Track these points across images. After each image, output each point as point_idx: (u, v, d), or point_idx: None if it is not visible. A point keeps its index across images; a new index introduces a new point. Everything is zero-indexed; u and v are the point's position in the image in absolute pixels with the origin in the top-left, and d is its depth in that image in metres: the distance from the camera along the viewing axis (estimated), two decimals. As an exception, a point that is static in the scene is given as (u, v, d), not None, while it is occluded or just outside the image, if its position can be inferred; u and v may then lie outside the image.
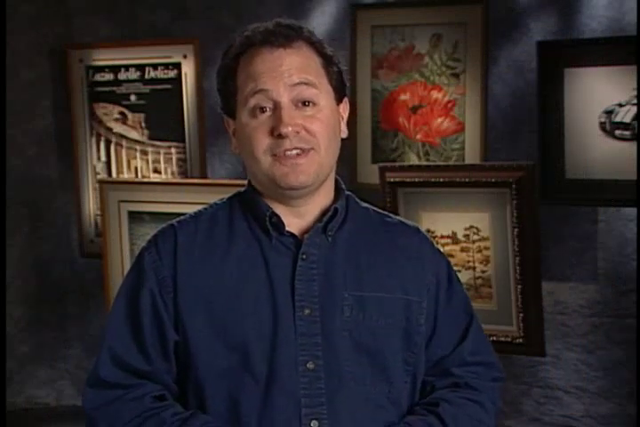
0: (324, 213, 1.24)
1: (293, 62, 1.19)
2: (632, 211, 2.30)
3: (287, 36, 1.20)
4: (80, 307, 3.20)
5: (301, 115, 1.18)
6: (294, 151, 1.18)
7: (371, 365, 1.21)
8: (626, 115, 2.26)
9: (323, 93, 1.21)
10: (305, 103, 1.19)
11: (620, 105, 2.26)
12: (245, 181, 1.29)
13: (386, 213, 1.32)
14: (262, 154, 1.19)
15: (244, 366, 1.18)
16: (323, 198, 1.24)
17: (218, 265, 1.21)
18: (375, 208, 1.32)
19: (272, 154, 1.18)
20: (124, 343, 1.21)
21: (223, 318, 1.19)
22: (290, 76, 1.18)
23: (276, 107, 1.18)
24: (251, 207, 1.25)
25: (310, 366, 1.18)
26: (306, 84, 1.19)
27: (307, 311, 1.19)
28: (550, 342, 2.38)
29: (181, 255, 1.22)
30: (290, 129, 1.16)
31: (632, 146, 2.24)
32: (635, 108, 2.23)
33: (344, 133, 1.26)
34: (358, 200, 1.30)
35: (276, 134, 1.17)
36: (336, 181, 1.27)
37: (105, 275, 2.61)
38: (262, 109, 1.18)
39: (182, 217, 1.27)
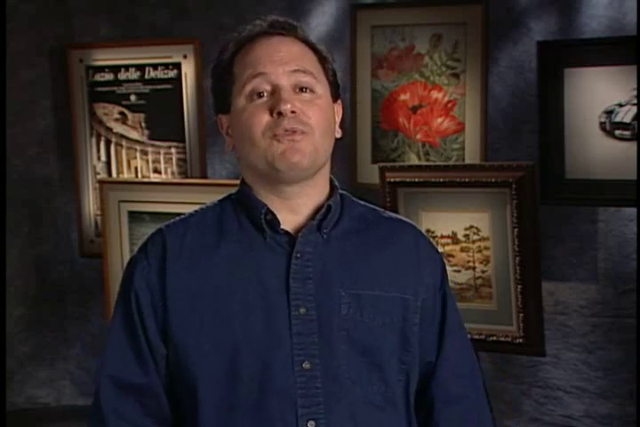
0: (317, 210, 1.23)
1: (292, 49, 1.20)
2: (632, 211, 2.30)
3: (284, 28, 1.22)
4: (80, 307, 3.21)
5: (300, 99, 1.18)
6: (290, 130, 1.17)
7: (367, 363, 1.20)
8: (626, 115, 2.27)
9: (320, 84, 1.21)
10: (303, 89, 1.19)
11: (620, 105, 2.27)
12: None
13: (382, 209, 1.31)
14: (260, 135, 1.18)
15: (237, 369, 1.17)
16: (317, 194, 1.24)
17: (207, 267, 1.20)
18: (371, 205, 1.31)
19: (271, 135, 1.17)
20: (123, 359, 1.21)
21: (214, 321, 1.18)
22: (288, 62, 1.19)
23: (275, 90, 1.18)
24: (244, 206, 1.24)
25: (306, 365, 1.17)
26: (303, 71, 1.19)
27: (302, 310, 1.18)
28: (550, 342, 2.38)
29: (170, 260, 1.21)
30: (289, 106, 1.16)
31: (632, 146, 2.24)
32: (635, 109, 2.23)
33: (338, 133, 1.26)
34: (354, 199, 1.30)
35: (275, 112, 1.17)
36: (330, 179, 1.27)
37: (105, 275, 2.61)
38: (260, 95, 1.18)
39: (171, 220, 1.27)
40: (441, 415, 1.26)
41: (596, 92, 2.27)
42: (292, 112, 1.17)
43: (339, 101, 1.27)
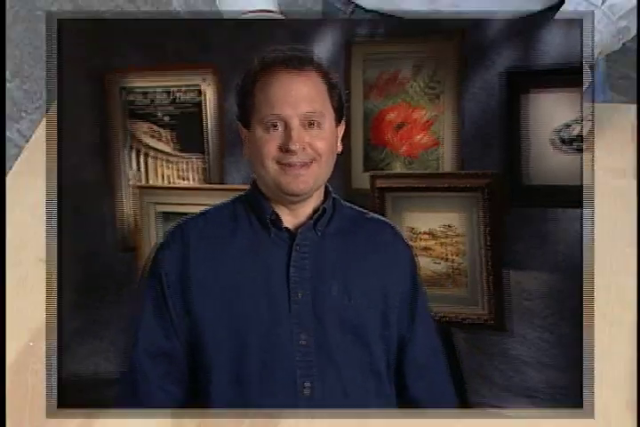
0: (314, 212, 1.40)
1: (303, 90, 1.32)
2: (576, 211, 2.44)
3: (300, 59, 1.35)
4: (115, 295, 3.32)
5: (308, 134, 1.33)
6: (298, 164, 1.33)
7: (354, 341, 1.36)
8: (572, 132, 2.50)
9: (327, 119, 1.36)
10: (311, 124, 1.34)
11: (568, 125, 2.51)
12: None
13: (365, 211, 1.48)
14: (270, 162, 1.32)
15: (246, 345, 1.32)
16: (314, 200, 1.40)
17: (224, 258, 1.34)
18: (356, 207, 1.47)
19: (278, 162, 1.32)
20: (151, 327, 1.34)
21: (229, 305, 1.32)
22: (301, 103, 1.32)
23: (287, 126, 1.32)
24: (253, 207, 1.39)
25: (303, 342, 1.32)
26: (313, 112, 1.34)
27: (300, 294, 1.34)
28: (516, 323, 2.59)
29: (191, 251, 1.34)
30: (298, 146, 1.31)
31: (576, 157, 2.49)
32: (578, 127, 2.45)
33: (339, 149, 1.41)
34: (343, 202, 1.46)
35: (284, 149, 1.31)
36: (325, 185, 1.42)
37: (138, 266, 2.91)
38: (275, 127, 1.34)
39: (190, 215, 1.41)
40: (413, 389, 1.45)
41: (548, 113, 2.50)
42: (303, 148, 1.32)
43: (342, 121, 1.40)
